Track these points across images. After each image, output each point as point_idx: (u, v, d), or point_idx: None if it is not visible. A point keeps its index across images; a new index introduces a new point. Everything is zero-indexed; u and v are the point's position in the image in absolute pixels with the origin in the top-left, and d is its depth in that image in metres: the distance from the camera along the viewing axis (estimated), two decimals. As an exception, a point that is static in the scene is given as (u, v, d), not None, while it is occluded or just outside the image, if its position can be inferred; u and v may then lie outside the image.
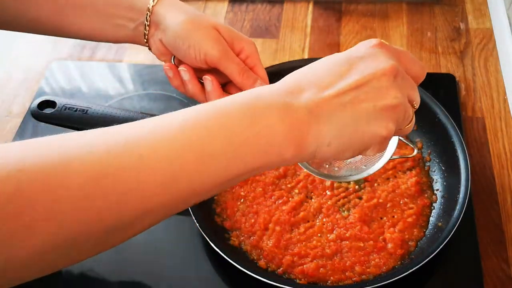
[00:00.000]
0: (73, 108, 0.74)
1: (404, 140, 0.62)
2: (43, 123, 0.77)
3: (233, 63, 0.61)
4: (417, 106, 0.47)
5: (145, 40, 0.65)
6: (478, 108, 0.84)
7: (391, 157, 0.57)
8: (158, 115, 0.73)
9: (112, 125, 0.73)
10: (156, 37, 0.64)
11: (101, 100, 0.91)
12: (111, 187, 0.36)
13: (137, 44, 0.67)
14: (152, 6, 0.62)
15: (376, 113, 0.42)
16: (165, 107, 0.87)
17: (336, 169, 0.60)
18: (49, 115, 0.74)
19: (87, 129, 0.77)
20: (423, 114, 0.76)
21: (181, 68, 0.63)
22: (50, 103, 0.75)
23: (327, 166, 0.61)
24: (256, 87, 0.44)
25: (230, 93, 0.63)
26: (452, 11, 1.00)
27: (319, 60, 0.45)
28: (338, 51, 0.95)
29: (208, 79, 0.62)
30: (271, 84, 0.44)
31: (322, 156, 0.43)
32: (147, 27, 0.64)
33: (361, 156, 0.56)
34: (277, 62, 0.90)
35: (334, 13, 1.02)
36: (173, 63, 0.65)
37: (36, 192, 0.34)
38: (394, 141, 0.57)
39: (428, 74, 0.88)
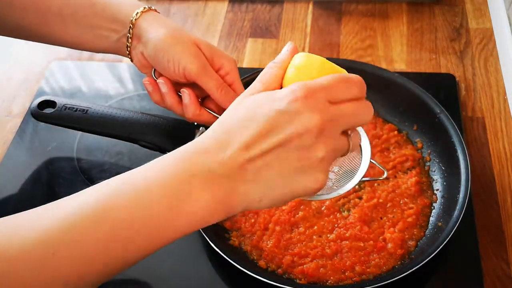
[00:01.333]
0: (73, 108, 0.74)
1: (375, 163, 0.62)
2: (43, 123, 0.77)
3: (211, 78, 0.62)
4: (366, 122, 0.46)
5: (128, 52, 0.66)
6: (478, 108, 0.84)
7: (361, 179, 0.58)
8: (158, 115, 0.74)
9: (112, 125, 0.74)
10: (138, 49, 0.65)
11: (101, 100, 0.91)
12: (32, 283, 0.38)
13: (119, 55, 0.68)
14: (135, 20, 0.63)
15: (303, 169, 0.42)
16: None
17: None
18: (49, 115, 0.74)
19: (87, 129, 0.77)
20: (423, 114, 0.76)
21: (159, 80, 0.64)
22: (50, 103, 0.75)
23: None
24: (180, 148, 0.44)
25: (208, 107, 0.65)
26: (452, 11, 1.00)
27: (240, 112, 0.44)
28: (338, 51, 0.95)
29: (185, 92, 0.63)
30: (196, 142, 0.44)
31: (254, 209, 0.45)
32: (129, 40, 0.65)
33: (332, 178, 0.58)
34: (277, 62, 0.90)
35: (334, 13, 1.02)
36: (153, 76, 0.66)
37: None
38: (365, 163, 0.58)
39: (428, 74, 0.90)
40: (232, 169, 0.42)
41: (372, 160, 0.59)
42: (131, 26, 0.64)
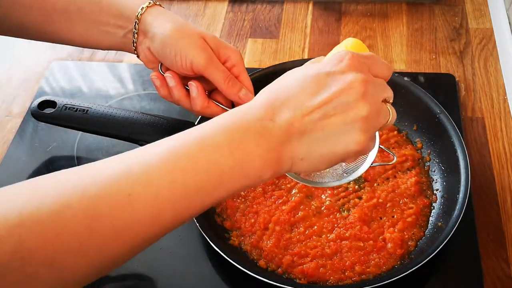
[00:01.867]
0: (73, 108, 0.74)
1: (385, 148, 0.64)
2: (43, 123, 0.77)
3: (218, 70, 0.63)
4: (391, 100, 0.49)
5: (134, 48, 0.67)
6: (478, 108, 0.84)
7: (371, 164, 0.59)
8: (158, 115, 0.74)
9: (112, 125, 0.74)
10: (144, 45, 0.65)
11: (101, 100, 0.91)
12: (104, 230, 0.39)
13: (125, 51, 0.68)
14: (140, 15, 0.64)
15: (346, 126, 0.44)
16: (165, 107, 0.87)
17: (318, 175, 0.62)
18: (49, 115, 0.74)
19: (87, 129, 0.77)
20: (423, 114, 0.76)
21: (167, 74, 0.65)
22: (50, 103, 0.75)
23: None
24: (234, 109, 0.46)
25: (215, 100, 0.65)
26: (452, 11, 1.00)
27: (290, 75, 0.47)
28: (338, 51, 0.95)
29: (193, 85, 0.63)
30: (248, 105, 0.46)
31: (297, 170, 0.46)
32: (135, 35, 0.65)
33: (343, 164, 0.60)
34: (277, 62, 0.90)
35: (334, 13, 1.02)
36: (160, 71, 0.66)
37: (36, 245, 0.37)
38: (374, 149, 0.59)
39: (428, 74, 0.90)
40: (280, 127, 0.44)
41: (381, 146, 0.60)
42: (137, 21, 0.64)
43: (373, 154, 0.59)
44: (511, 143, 0.79)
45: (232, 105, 0.66)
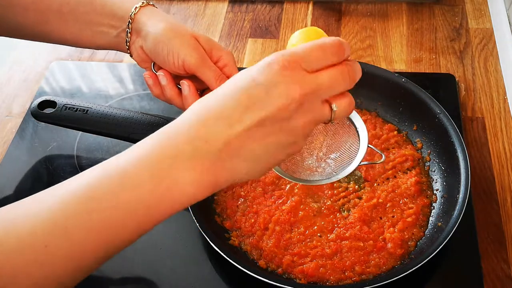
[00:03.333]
0: (73, 108, 0.74)
1: (373, 148, 0.64)
2: (43, 123, 0.77)
3: (210, 70, 0.63)
4: (347, 88, 0.45)
5: (127, 47, 0.67)
6: (478, 108, 0.84)
7: (360, 163, 0.60)
8: (158, 115, 0.74)
9: (112, 125, 0.74)
10: (137, 44, 0.66)
11: (101, 100, 0.91)
12: (25, 284, 0.38)
13: (119, 50, 0.69)
14: (134, 14, 0.64)
15: (285, 140, 0.43)
16: (165, 107, 0.87)
17: (307, 174, 0.62)
18: (49, 115, 0.74)
19: (87, 129, 0.78)
20: (423, 114, 0.76)
21: (159, 73, 0.65)
22: (50, 103, 0.75)
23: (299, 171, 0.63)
24: (161, 129, 0.43)
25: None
26: (452, 11, 1.00)
27: (222, 87, 0.44)
28: (338, 51, 0.95)
29: (185, 84, 0.64)
30: (177, 122, 0.43)
31: (241, 181, 0.46)
32: (128, 34, 0.66)
33: (331, 163, 0.60)
34: (277, 62, 0.90)
35: (334, 13, 1.02)
36: (153, 70, 0.67)
37: None
38: (363, 148, 0.60)
39: (428, 74, 0.90)
40: (216, 146, 0.41)
41: (369, 145, 0.60)
42: (130, 20, 0.65)
43: (361, 153, 0.60)
44: (511, 143, 0.79)
45: None
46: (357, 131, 0.60)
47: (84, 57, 0.99)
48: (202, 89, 0.67)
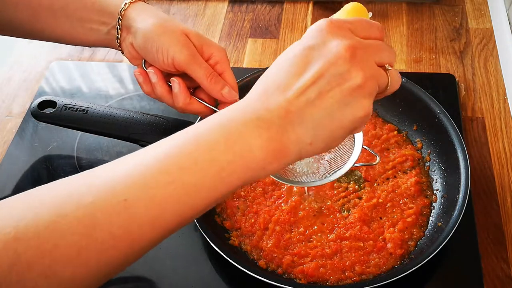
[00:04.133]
0: (73, 108, 0.74)
1: (367, 149, 0.64)
2: (43, 123, 0.77)
3: (200, 67, 0.62)
4: (390, 61, 0.46)
5: (118, 44, 0.67)
6: (478, 108, 0.84)
7: (354, 164, 0.59)
8: (158, 115, 0.74)
9: (112, 125, 0.74)
10: (127, 41, 0.65)
11: (101, 100, 0.91)
12: (102, 237, 0.38)
13: (111, 47, 0.68)
14: (124, 10, 0.64)
15: (346, 98, 0.42)
16: (165, 107, 0.86)
17: (301, 174, 0.62)
18: (49, 115, 0.74)
19: (87, 129, 0.77)
20: (423, 114, 0.76)
21: (149, 70, 0.65)
22: (50, 103, 0.75)
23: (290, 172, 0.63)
24: (232, 105, 0.45)
25: (199, 97, 0.65)
26: (452, 11, 1.00)
27: (277, 59, 0.45)
28: (338, 51, 0.95)
29: (175, 81, 0.63)
30: (242, 100, 0.45)
31: (307, 155, 0.44)
32: (119, 31, 0.65)
33: (325, 164, 0.60)
34: (277, 62, 0.90)
35: (334, 13, 1.02)
36: (143, 67, 0.66)
37: (33, 258, 0.36)
38: (357, 150, 0.59)
39: (428, 74, 0.90)
40: (278, 114, 0.42)
41: (364, 146, 0.60)
42: (120, 17, 0.64)
43: (356, 154, 0.59)
44: (511, 143, 0.79)
45: (216, 102, 0.65)
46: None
47: (84, 57, 0.99)
48: (194, 87, 0.66)
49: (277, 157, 0.42)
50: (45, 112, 0.75)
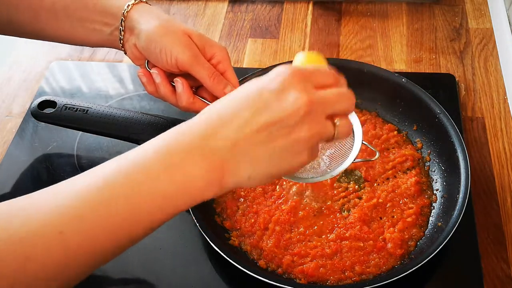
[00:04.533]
0: (73, 108, 0.74)
1: (367, 144, 0.64)
2: (43, 123, 0.77)
3: (203, 67, 0.63)
4: (348, 111, 0.48)
5: (121, 45, 0.67)
6: (478, 108, 0.84)
7: (354, 160, 0.60)
8: (158, 115, 0.74)
9: (112, 125, 0.74)
10: (130, 42, 0.66)
11: (101, 100, 0.91)
12: (36, 271, 0.38)
13: (114, 48, 0.69)
14: (127, 12, 0.64)
15: (289, 148, 0.45)
16: (165, 107, 0.87)
17: (300, 171, 0.62)
18: (49, 115, 0.74)
19: (87, 129, 0.77)
20: (423, 114, 0.76)
21: (153, 71, 0.65)
22: (50, 103, 0.75)
23: None
24: (176, 127, 0.45)
25: (201, 97, 0.66)
26: (452, 11, 1.00)
27: (236, 92, 0.46)
28: (338, 51, 0.95)
29: (178, 81, 0.64)
30: (190, 122, 0.45)
31: (242, 187, 0.47)
32: (122, 32, 0.65)
33: (326, 160, 0.61)
34: (277, 62, 0.90)
35: (334, 13, 1.02)
36: (147, 67, 0.67)
37: None
38: (357, 145, 0.60)
39: (428, 74, 0.90)
40: (224, 145, 0.43)
41: (364, 142, 0.61)
42: (123, 18, 0.64)
43: (355, 150, 0.60)
44: (511, 143, 0.79)
45: None
46: (352, 129, 0.61)
47: (84, 57, 0.99)
48: (197, 86, 0.66)
49: (215, 186, 0.44)
50: (45, 112, 0.75)
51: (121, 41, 0.66)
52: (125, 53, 0.68)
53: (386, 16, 1.00)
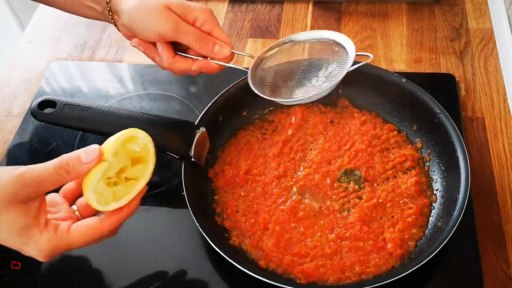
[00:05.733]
0: (73, 108, 0.74)
1: (360, 53, 0.65)
2: (43, 123, 0.77)
3: (186, 34, 0.65)
4: None
5: (114, 25, 0.70)
6: (478, 108, 0.84)
7: (349, 69, 0.62)
8: (158, 115, 0.73)
9: (112, 125, 0.73)
10: (119, 22, 0.69)
11: (101, 100, 0.91)
12: None
13: (110, 23, 0.72)
14: None
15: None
16: (165, 107, 0.87)
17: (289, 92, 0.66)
18: (49, 114, 0.74)
19: (87, 129, 0.77)
20: (423, 114, 0.76)
21: (133, 43, 0.68)
22: (50, 103, 0.75)
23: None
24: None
25: (193, 56, 0.68)
26: (452, 11, 1.00)
27: None
28: (338, 51, 0.95)
29: (159, 44, 0.67)
30: None
31: None
32: (110, 14, 0.68)
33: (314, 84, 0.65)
34: (277, 62, 0.90)
35: (334, 13, 1.02)
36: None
37: None
38: (351, 53, 0.63)
39: (428, 74, 0.90)
40: None
41: (357, 53, 0.63)
42: (107, 1, 0.67)
43: (351, 58, 0.62)
44: (511, 143, 0.79)
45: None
46: (342, 45, 0.64)
47: (84, 57, 0.99)
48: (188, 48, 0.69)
49: None
50: (45, 112, 0.74)
51: (113, 22, 0.69)
52: (119, 31, 0.71)
53: (386, 16, 1.00)
